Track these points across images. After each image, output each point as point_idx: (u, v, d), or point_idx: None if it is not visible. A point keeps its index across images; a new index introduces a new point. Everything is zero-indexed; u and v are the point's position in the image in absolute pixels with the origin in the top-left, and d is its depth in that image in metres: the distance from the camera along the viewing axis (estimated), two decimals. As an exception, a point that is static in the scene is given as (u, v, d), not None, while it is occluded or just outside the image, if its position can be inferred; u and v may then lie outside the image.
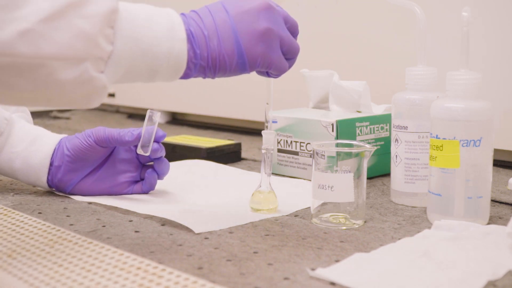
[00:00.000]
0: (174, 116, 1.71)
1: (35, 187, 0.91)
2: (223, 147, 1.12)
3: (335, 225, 0.74)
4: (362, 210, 0.75)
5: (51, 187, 0.88)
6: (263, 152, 0.79)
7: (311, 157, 0.96)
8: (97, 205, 0.83)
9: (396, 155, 0.84)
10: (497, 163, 1.05)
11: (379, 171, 0.99)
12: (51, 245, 0.66)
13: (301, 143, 0.99)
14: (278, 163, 1.02)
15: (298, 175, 1.00)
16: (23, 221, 0.75)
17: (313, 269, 0.59)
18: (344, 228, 0.73)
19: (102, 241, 0.68)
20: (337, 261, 0.62)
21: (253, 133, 1.43)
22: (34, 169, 0.86)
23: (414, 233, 0.71)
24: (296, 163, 1.00)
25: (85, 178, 0.86)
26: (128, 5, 0.62)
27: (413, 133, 0.82)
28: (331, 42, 1.29)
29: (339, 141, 0.82)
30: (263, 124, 0.80)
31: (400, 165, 0.83)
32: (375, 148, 0.76)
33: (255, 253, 0.65)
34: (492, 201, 0.81)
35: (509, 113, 1.04)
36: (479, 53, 1.00)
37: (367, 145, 0.76)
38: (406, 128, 0.82)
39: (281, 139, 1.01)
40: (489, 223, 0.74)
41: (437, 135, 0.73)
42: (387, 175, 0.93)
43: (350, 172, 0.73)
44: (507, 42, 1.05)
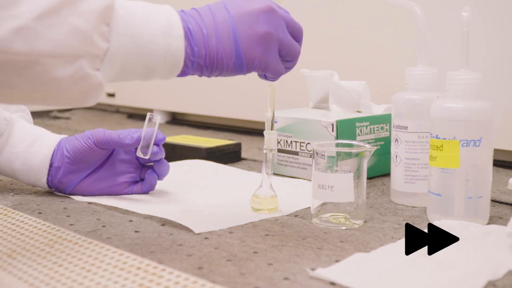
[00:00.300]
0: (174, 116, 1.71)
1: (35, 187, 0.91)
2: (223, 147, 1.12)
3: (335, 225, 0.74)
4: (362, 210, 0.75)
5: (51, 188, 0.88)
6: (265, 152, 0.79)
7: (311, 157, 0.96)
8: (97, 205, 0.83)
9: (396, 155, 0.84)
10: (497, 163, 1.05)
11: (379, 171, 0.99)
12: (51, 245, 0.66)
13: (301, 143, 0.99)
14: (278, 163, 1.02)
15: (298, 175, 0.99)
16: (23, 221, 0.74)
17: (313, 269, 0.59)
18: (344, 228, 0.73)
19: (102, 241, 0.68)
20: (337, 261, 0.62)
21: (253, 133, 1.43)
22: (34, 170, 0.86)
23: (414, 233, 0.71)
24: (296, 163, 1.00)
25: (85, 179, 0.86)
26: (124, 2, 0.62)
27: (413, 133, 0.82)
28: (331, 42, 1.29)
29: (339, 141, 0.82)
30: (263, 124, 0.80)
31: (400, 165, 0.83)
32: (375, 148, 0.76)
33: (255, 253, 0.65)
34: (492, 201, 0.81)
35: (509, 113, 1.04)
36: (479, 53, 1.00)
37: (367, 145, 0.76)
38: (406, 128, 0.82)
39: (281, 139, 1.01)
40: (489, 223, 0.74)
41: (437, 135, 0.73)
42: (387, 175, 0.93)
43: (350, 172, 0.73)
44: (507, 42, 1.05)
